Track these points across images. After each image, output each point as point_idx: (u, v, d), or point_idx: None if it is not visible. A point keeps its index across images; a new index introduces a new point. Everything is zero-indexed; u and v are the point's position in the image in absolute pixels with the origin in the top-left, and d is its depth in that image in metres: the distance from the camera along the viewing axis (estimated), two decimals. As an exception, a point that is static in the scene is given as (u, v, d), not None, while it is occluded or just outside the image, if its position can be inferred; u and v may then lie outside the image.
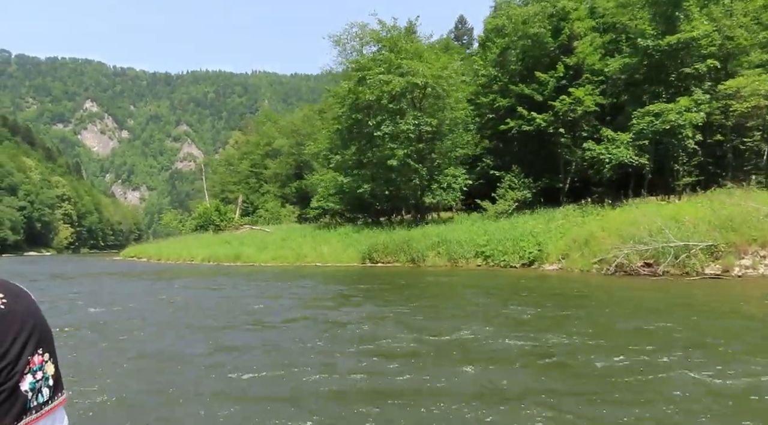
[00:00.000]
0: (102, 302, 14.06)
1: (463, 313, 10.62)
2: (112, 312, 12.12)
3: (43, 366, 1.09)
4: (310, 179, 60.13)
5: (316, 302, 13.21)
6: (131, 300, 14.45)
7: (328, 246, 29.64)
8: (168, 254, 40.75)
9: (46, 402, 1.09)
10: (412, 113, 29.58)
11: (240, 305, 12.73)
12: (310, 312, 11.37)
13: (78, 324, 10.35)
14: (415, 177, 30.13)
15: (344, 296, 14.53)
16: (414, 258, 23.93)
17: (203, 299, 14.30)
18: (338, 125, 36.54)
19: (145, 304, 13.59)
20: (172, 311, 12.35)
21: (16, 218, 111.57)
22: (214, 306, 12.86)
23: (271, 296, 14.70)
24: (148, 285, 19.55)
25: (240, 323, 10.27)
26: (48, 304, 13.52)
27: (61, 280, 23.74)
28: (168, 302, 13.93)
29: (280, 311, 11.66)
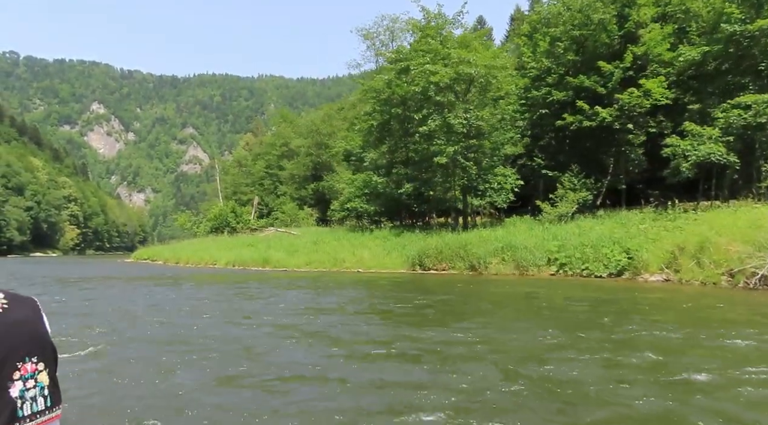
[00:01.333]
0: (165, 312, 11.64)
1: (596, 342, 8.03)
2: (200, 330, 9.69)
3: (35, 375, 1.09)
4: (330, 180, 57.77)
5: (387, 318, 10.74)
6: (195, 313, 11.99)
7: (367, 251, 27.13)
8: (187, 257, 38.25)
9: (41, 412, 1.09)
10: (462, 106, 27.07)
11: (323, 324, 10.26)
12: (388, 331, 8.95)
13: (186, 339, 7.95)
14: (464, 177, 27.61)
15: (414, 309, 12.04)
16: (474, 265, 21.37)
17: (273, 313, 11.84)
18: (372, 120, 34.12)
19: (215, 318, 11.14)
20: (254, 327, 9.89)
21: (22, 218, 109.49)
22: (294, 325, 10.38)
23: (331, 309, 12.24)
24: (189, 293, 17.08)
25: (338, 348, 7.82)
26: (104, 321, 11.09)
27: (90, 284, 21.30)
28: (236, 313, 11.48)
29: (360, 330, 9.20)
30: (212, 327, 9.94)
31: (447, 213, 40.64)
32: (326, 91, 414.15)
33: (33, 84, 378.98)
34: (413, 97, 30.02)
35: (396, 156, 35.29)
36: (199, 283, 21.21)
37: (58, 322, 10.51)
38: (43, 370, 1.12)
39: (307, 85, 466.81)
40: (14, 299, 1.13)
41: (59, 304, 13.99)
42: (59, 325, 10.08)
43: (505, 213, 33.41)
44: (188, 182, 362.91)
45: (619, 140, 26.61)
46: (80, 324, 10.39)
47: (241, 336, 9.03)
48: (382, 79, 32.85)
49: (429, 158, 28.43)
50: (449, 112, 27.14)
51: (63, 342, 8.45)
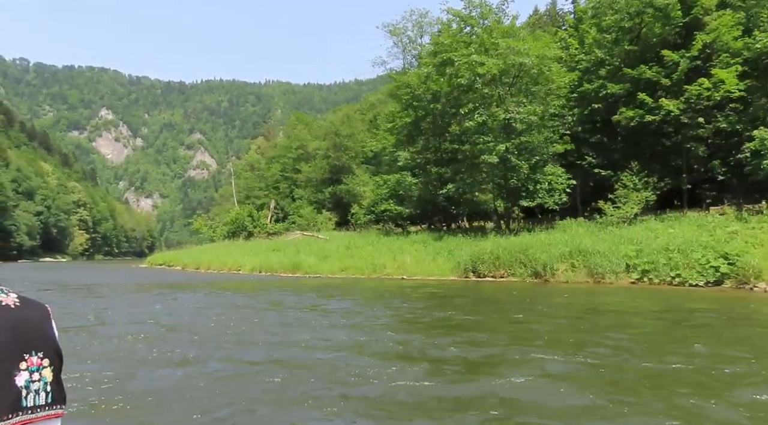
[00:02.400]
0: (241, 331, 9.65)
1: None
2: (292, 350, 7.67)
3: (40, 369, 1.16)
4: (350, 182, 55.87)
5: (473, 337, 8.67)
6: (264, 330, 9.99)
7: (409, 256, 25.09)
8: (208, 263, 36.33)
9: (42, 406, 1.15)
10: (513, 100, 25.04)
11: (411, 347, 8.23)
12: (477, 353, 6.92)
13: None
14: (512, 177, 25.55)
15: (504, 325, 10.01)
16: (538, 272, 19.28)
17: (340, 327, 9.83)
18: (406, 117, 32.15)
19: (281, 335, 9.13)
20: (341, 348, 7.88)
21: (32, 223, 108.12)
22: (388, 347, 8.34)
23: (408, 324, 10.19)
24: (236, 303, 15.09)
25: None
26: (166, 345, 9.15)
27: (126, 293, 19.37)
28: (305, 330, 9.48)
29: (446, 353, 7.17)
30: (296, 350, 7.92)
31: (482, 216, 38.59)
32: (332, 96, 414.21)
33: (42, 90, 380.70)
34: (455, 92, 28.04)
35: (429, 156, 33.33)
36: (238, 291, 19.22)
37: (134, 346, 8.55)
38: (48, 366, 1.16)
39: (314, 91, 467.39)
40: (26, 301, 1.20)
41: (116, 317, 12.03)
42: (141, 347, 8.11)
43: (543, 215, 31.31)
44: (195, 188, 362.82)
45: (684, 135, 24.47)
46: (177, 345, 8.43)
47: (333, 361, 7.02)
48: (420, 73, 30.93)
49: (473, 156, 26.40)
50: (498, 106, 25.11)
51: (164, 357, 6.47)
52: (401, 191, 31.23)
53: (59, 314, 9.27)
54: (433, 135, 32.88)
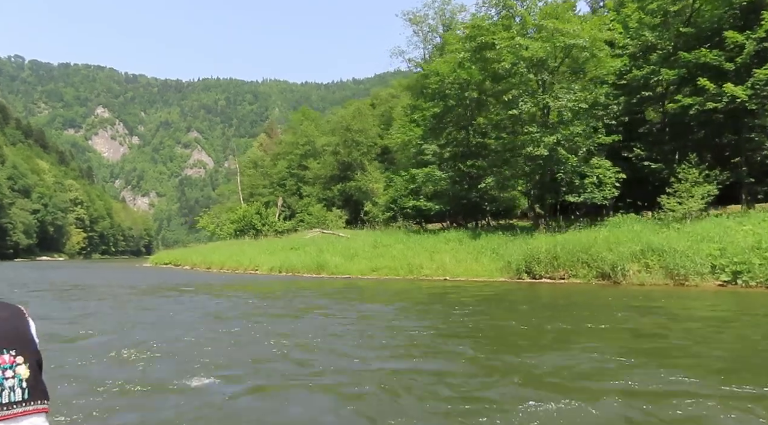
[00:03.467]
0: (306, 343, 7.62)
1: None
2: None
3: (14, 367, 1.15)
4: (361, 179, 53.81)
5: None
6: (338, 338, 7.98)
7: (447, 256, 23.07)
8: (220, 262, 34.20)
9: (18, 402, 1.14)
10: (561, 87, 23.03)
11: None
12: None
13: None
14: (560, 170, 23.55)
15: (603, 336, 8.04)
16: (605, 273, 17.29)
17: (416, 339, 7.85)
18: (435, 108, 30.12)
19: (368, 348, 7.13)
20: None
21: (29, 221, 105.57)
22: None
23: (471, 335, 8.20)
24: (264, 307, 13.05)
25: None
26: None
27: (139, 296, 17.28)
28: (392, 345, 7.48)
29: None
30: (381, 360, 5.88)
31: (505, 214, 36.61)
32: (330, 95, 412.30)
33: (38, 88, 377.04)
34: (488, 81, 26.08)
35: (456, 149, 31.29)
36: (267, 295, 17.16)
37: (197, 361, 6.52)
38: (22, 364, 1.15)
39: (312, 90, 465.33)
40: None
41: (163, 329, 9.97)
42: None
43: (580, 212, 29.35)
44: (192, 186, 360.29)
45: (747, 124, 22.55)
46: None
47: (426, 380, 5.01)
48: (450, 59, 28.96)
49: (513, 148, 24.38)
50: (545, 93, 23.09)
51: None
52: (431, 186, 29.17)
53: (76, 330, 6.92)
54: (461, 127, 30.91)
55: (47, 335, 8.89)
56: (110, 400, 5.21)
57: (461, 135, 31.21)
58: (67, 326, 10.08)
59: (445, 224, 36.60)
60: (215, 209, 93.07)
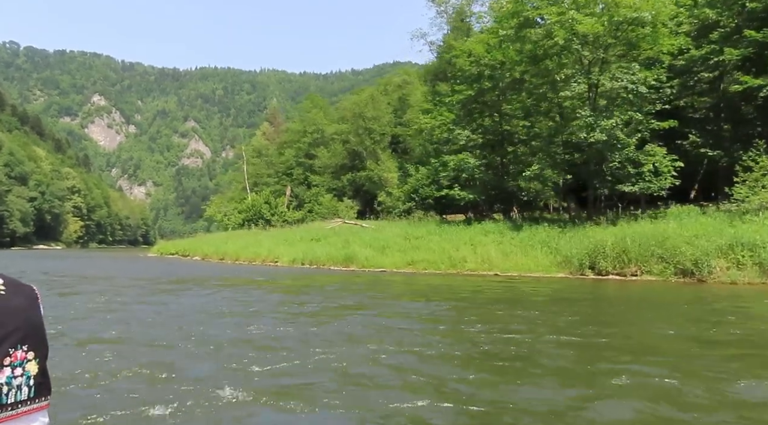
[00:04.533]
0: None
1: None
2: None
3: (24, 364, 1.10)
4: (375, 168, 51.86)
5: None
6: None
7: (492, 248, 21.26)
8: (234, 253, 32.29)
9: (24, 401, 1.09)
10: (620, 66, 21.10)
11: None
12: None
13: None
14: (615, 158, 21.68)
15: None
16: (686, 269, 15.52)
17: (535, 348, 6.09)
18: (469, 91, 28.21)
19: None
20: None
21: (26, 209, 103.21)
22: None
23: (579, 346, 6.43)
24: (313, 305, 11.24)
25: None
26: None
27: (169, 292, 15.42)
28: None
29: None
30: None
31: (527, 205, 34.74)
32: (329, 86, 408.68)
33: (33, 75, 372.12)
34: (525, 63, 24.20)
35: (489, 136, 29.44)
36: (305, 289, 15.34)
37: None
38: (33, 359, 1.11)
39: (310, 80, 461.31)
40: (12, 285, 1.14)
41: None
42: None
43: (623, 203, 27.54)
44: (189, 176, 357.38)
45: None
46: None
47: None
48: (484, 38, 27.05)
49: (557, 134, 22.49)
50: (601, 73, 21.19)
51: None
52: (464, 174, 27.30)
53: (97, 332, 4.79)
54: (494, 112, 29.04)
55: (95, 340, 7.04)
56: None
57: (492, 120, 29.35)
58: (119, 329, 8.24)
59: (468, 216, 34.82)
60: (216, 199, 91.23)
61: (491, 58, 27.14)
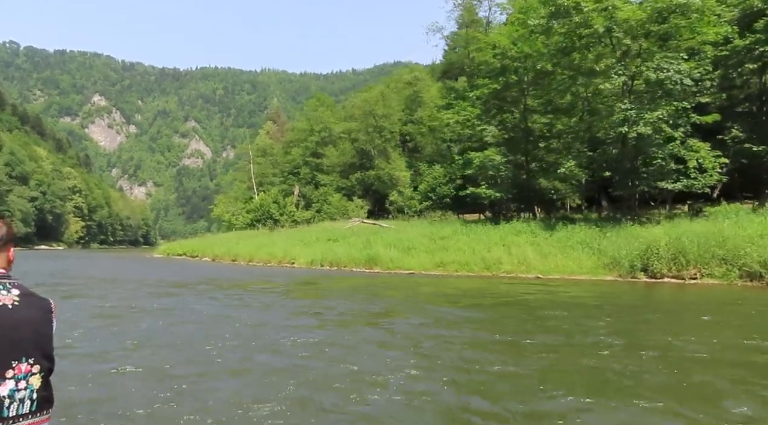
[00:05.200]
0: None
1: None
2: None
3: (28, 377, 1.06)
4: (386, 167, 50.54)
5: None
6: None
7: (529, 250, 20.04)
8: (248, 254, 31.05)
9: (26, 414, 1.06)
10: (665, 56, 19.85)
11: None
12: None
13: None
14: (657, 153, 20.44)
15: None
16: (753, 272, 14.30)
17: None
18: (495, 84, 26.98)
19: None
20: None
21: (27, 209, 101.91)
22: None
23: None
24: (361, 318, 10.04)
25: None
26: None
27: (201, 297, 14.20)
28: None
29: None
30: None
31: (546, 204, 33.54)
32: (330, 86, 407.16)
33: (33, 75, 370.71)
34: (552, 56, 22.98)
35: (513, 133, 28.21)
36: (340, 295, 14.12)
37: None
38: (37, 373, 1.09)
39: (311, 80, 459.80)
40: (28, 298, 1.12)
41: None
42: None
43: (653, 201, 26.35)
44: (190, 176, 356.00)
45: None
46: None
47: None
48: (512, 29, 25.84)
49: (613, 128, 21.14)
50: (644, 62, 19.94)
51: None
52: (490, 172, 26.04)
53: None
54: (518, 106, 27.81)
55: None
56: None
57: (515, 116, 28.13)
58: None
59: (486, 215, 33.61)
60: (221, 199, 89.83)
61: (517, 50, 25.93)
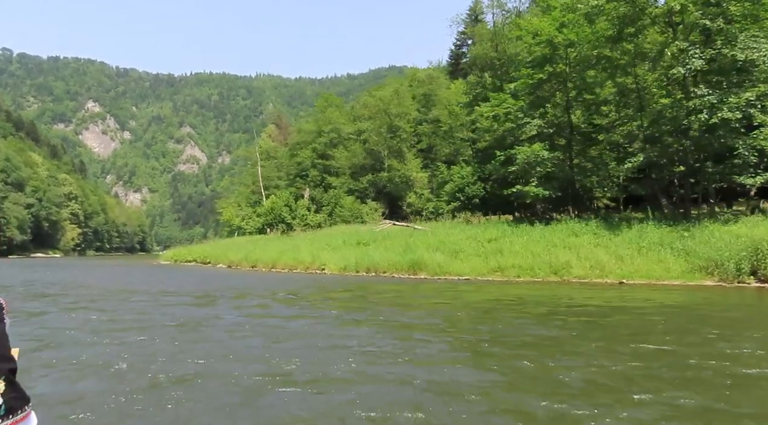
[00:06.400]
0: None
1: None
2: None
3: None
4: (401, 168, 48.39)
5: None
6: None
7: (602, 252, 18.00)
8: (269, 260, 28.85)
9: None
10: (753, 34, 17.90)
11: None
12: None
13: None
14: (738, 144, 18.45)
15: None
16: None
17: None
18: (540, 74, 25.00)
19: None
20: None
21: (23, 216, 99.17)
22: None
23: None
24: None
25: None
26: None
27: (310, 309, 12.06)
28: None
29: None
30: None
31: (577, 203, 31.55)
32: (325, 90, 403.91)
33: (26, 81, 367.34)
34: (620, 36, 21.03)
35: (556, 126, 26.24)
36: (421, 304, 12.01)
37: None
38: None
39: (306, 85, 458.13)
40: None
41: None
42: None
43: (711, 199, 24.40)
44: (185, 182, 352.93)
45: None
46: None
47: None
48: (555, 16, 23.94)
49: (693, 115, 19.14)
50: (726, 42, 17.96)
51: None
52: (539, 169, 23.98)
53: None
54: (562, 97, 25.88)
55: None
56: None
57: (558, 108, 26.18)
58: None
59: (516, 216, 31.64)
60: (223, 204, 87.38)
61: (564, 37, 24.00)
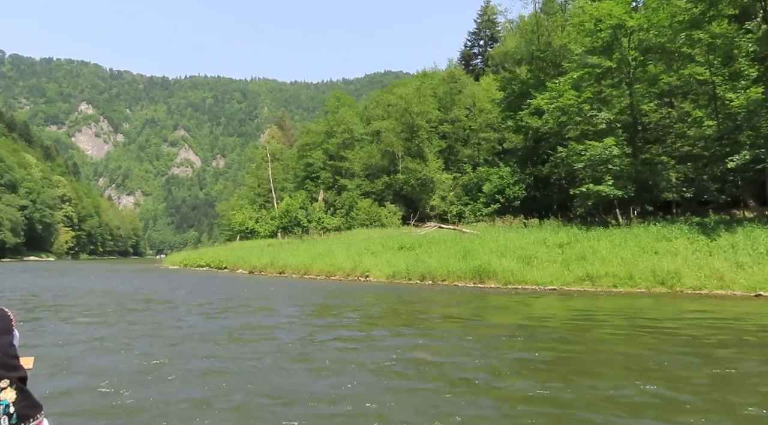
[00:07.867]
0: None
1: None
2: None
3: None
4: (423, 169, 45.91)
5: None
6: None
7: (717, 259, 15.60)
8: (302, 266, 26.23)
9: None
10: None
11: None
12: None
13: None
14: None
15: None
16: None
17: None
18: (608, 62, 22.64)
19: None
20: None
21: (16, 218, 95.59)
22: None
23: None
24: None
25: None
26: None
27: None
28: None
29: None
30: None
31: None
32: (320, 95, 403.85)
33: (19, 83, 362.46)
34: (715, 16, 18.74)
35: (622, 120, 23.90)
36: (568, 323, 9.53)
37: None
38: (7, 387, 1.04)
39: (301, 89, 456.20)
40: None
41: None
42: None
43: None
44: (179, 186, 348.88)
45: None
46: None
47: None
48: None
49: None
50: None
51: None
52: (610, 166, 21.58)
53: None
54: (628, 89, 23.56)
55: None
56: None
57: (623, 101, 23.87)
58: None
59: (570, 217, 29.31)
60: (221, 207, 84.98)
61: (635, 22, 21.70)
